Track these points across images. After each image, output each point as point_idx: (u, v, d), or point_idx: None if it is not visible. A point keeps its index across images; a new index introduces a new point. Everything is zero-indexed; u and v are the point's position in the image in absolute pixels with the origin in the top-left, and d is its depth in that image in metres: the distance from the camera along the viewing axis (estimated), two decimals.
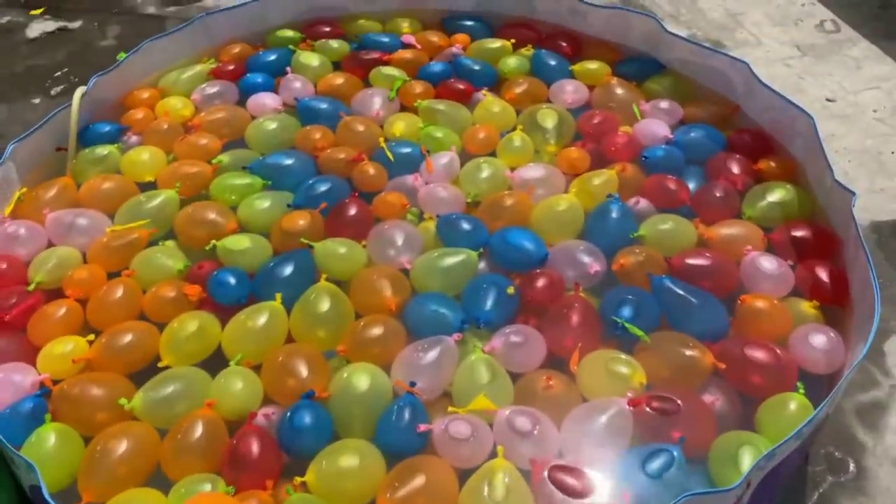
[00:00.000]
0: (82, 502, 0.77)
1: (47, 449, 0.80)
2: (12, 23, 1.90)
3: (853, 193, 0.97)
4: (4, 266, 1.01)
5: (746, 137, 1.20)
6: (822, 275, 0.97)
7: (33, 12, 1.94)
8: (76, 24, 1.88)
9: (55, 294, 0.99)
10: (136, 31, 1.85)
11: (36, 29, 1.87)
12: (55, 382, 0.88)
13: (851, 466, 0.95)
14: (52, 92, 1.66)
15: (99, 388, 0.86)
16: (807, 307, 0.95)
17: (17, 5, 1.97)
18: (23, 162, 1.12)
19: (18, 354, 0.92)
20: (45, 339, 0.93)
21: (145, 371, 0.90)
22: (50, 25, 1.88)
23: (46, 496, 0.70)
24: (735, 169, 1.14)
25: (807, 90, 1.51)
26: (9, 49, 1.81)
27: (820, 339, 0.90)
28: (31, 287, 0.98)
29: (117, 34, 1.84)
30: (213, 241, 1.03)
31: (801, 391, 0.85)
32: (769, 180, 1.13)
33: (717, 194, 1.10)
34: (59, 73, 1.72)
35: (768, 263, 0.99)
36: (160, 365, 0.90)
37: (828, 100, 1.48)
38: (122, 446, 0.80)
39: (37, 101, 1.64)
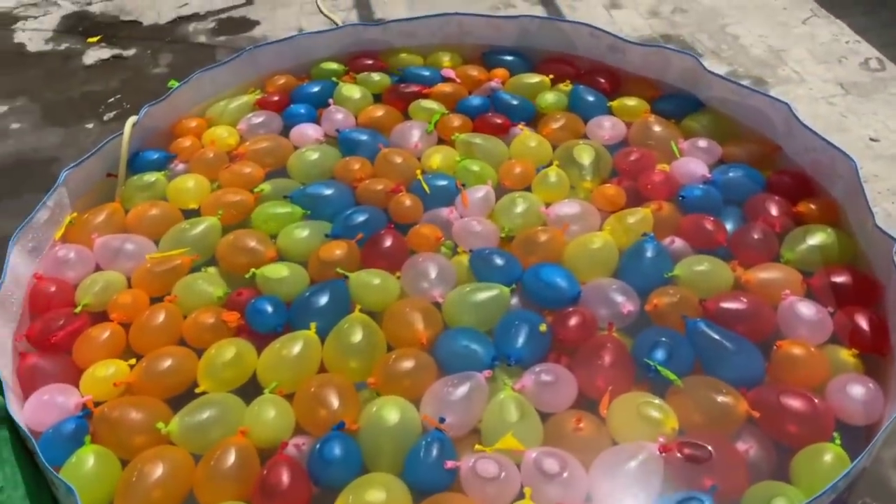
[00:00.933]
0: None
1: (86, 471, 0.83)
2: (70, 49, 1.99)
3: (895, 240, 0.95)
4: (53, 289, 1.05)
5: (787, 178, 1.19)
6: (862, 322, 0.95)
7: (90, 40, 2.02)
8: (130, 52, 1.96)
9: (100, 317, 1.03)
10: (187, 59, 1.91)
11: (92, 56, 1.96)
12: (97, 404, 0.91)
13: None
14: (105, 117, 1.73)
15: (137, 411, 0.89)
16: (845, 355, 0.93)
17: (76, 33, 2.06)
18: (75, 188, 1.17)
19: (63, 375, 0.96)
20: (88, 362, 0.96)
21: (183, 396, 0.93)
22: (105, 53, 1.97)
23: None
24: (774, 211, 1.12)
25: (850, 129, 1.49)
26: (66, 75, 1.89)
27: (858, 389, 0.88)
28: (78, 309, 1.02)
29: (169, 62, 1.91)
30: (253, 270, 1.06)
31: (838, 442, 0.83)
32: (809, 223, 1.11)
33: (756, 236, 1.09)
34: (112, 99, 1.79)
35: (806, 309, 0.97)
36: (197, 391, 0.92)
37: (871, 139, 1.46)
38: (158, 470, 0.82)
39: (90, 125, 1.71)
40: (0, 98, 1.81)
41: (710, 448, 0.82)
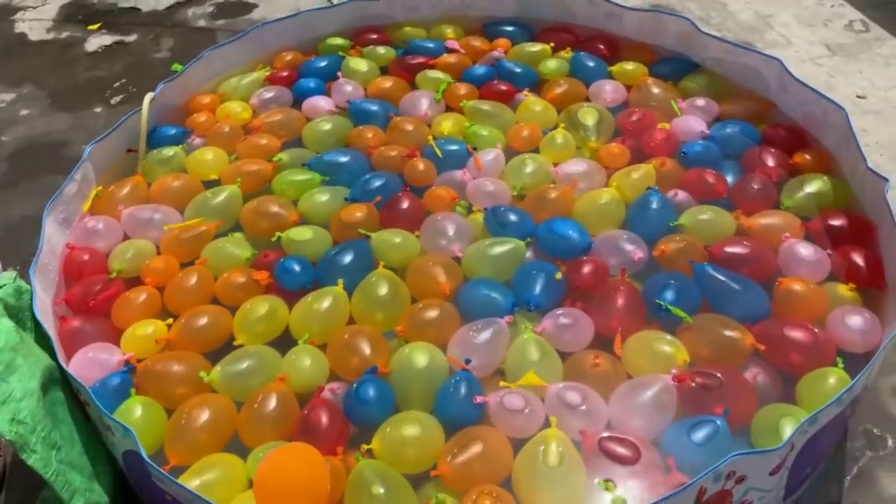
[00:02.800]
0: (170, 465, 0.84)
1: (134, 419, 0.88)
2: (72, 38, 2.01)
3: (886, 180, 1.01)
4: (87, 257, 1.09)
5: (781, 132, 1.24)
6: (858, 259, 1.01)
7: (91, 27, 2.05)
8: (132, 38, 1.99)
9: (134, 282, 1.07)
10: (188, 43, 1.95)
11: (94, 43, 1.98)
12: (139, 361, 0.96)
13: (890, 442, 0.99)
14: (112, 101, 1.76)
15: (179, 364, 0.93)
16: (844, 290, 0.99)
17: (75, 21, 2.09)
18: (98, 163, 1.20)
19: (103, 337, 1.00)
20: (127, 323, 1.01)
21: (219, 350, 0.97)
22: (107, 39, 1.99)
23: (145, 457, 0.76)
24: (770, 162, 1.18)
25: (837, 88, 1.54)
26: (70, 62, 1.92)
27: (856, 319, 0.94)
28: (113, 275, 1.06)
29: (171, 46, 1.94)
30: (278, 233, 1.10)
31: (841, 365, 0.89)
32: (804, 173, 1.17)
33: (755, 186, 1.15)
34: (117, 83, 1.82)
35: (805, 250, 1.03)
36: (235, 343, 0.97)
37: (858, 96, 1.52)
38: (204, 415, 0.87)
39: (98, 109, 1.74)
40: (7, 86, 1.83)
41: (720, 376, 0.88)
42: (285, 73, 1.44)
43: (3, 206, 1.47)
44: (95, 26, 2.05)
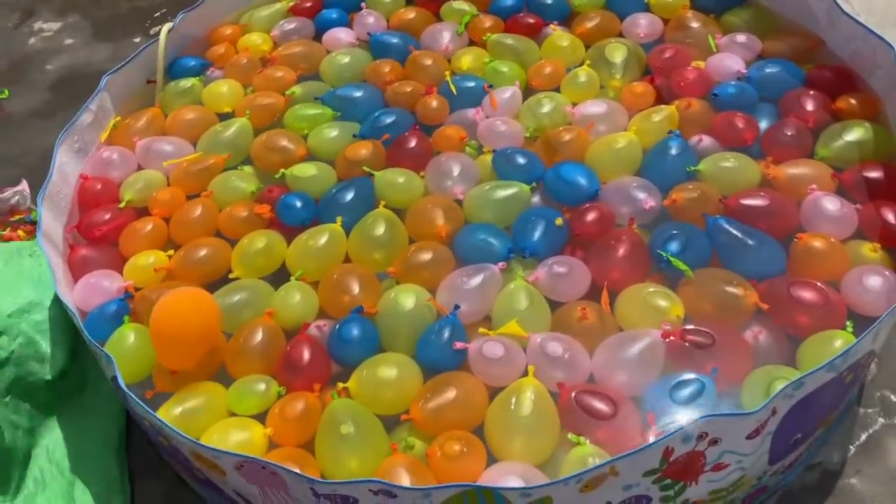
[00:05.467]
0: (155, 391, 0.87)
1: (127, 345, 0.91)
2: None
3: None
4: (100, 187, 1.12)
5: (827, 73, 1.13)
6: (889, 216, 0.93)
7: None
8: None
9: (143, 213, 1.10)
10: None
11: None
12: (137, 289, 0.98)
13: None
14: (152, 31, 1.78)
15: None
16: (867, 249, 0.91)
17: None
18: (117, 93, 1.22)
19: (111, 265, 1.03)
20: (133, 252, 1.04)
21: (217, 282, 0.99)
22: None
23: (121, 384, 0.79)
24: (809, 106, 1.08)
25: None
26: None
27: (875, 279, 0.86)
28: (123, 205, 1.09)
29: None
30: (282, 171, 1.10)
31: (850, 329, 0.83)
32: (848, 119, 1.07)
33: (788, 133, 1.06)
34: (157, 14, 1.83)
35: (831, 204, 0.95)
36: (230, 277, 0.99)
37: None
38: None
39: (137, 39, 1.76)
40: (54, 16, 1.88)
41: (712, 334, 0.84)
42: (309, 4, 1.41)
43: (40, 135, 1.52)
44: None
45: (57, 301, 0.95)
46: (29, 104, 1.63)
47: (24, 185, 1.30)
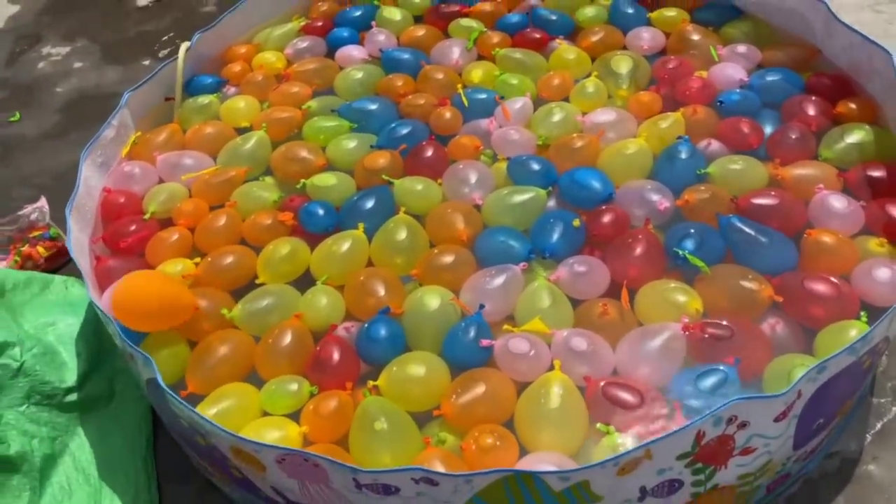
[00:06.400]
0: (188, 391, 0.88)
1: (158, 350, 0.92)
2: None
3: None
4: (122, 200, 1.14)
5: (826, 80, 1.18)
6: (894, 212, 0.96)
7: None
8: None
9: (166, 224, 1.12)
10: None
11: None
12: None
13: None
14: (160, 55, 1.81)
15: (203, 300, 0.97)
16: (874, 245, 0.95)
17: None
18: (136, 110, 1.25)
19: None
20: (160, 261, 1.06)
21: (243, 288, 1.01)
22: None
23: (161, 383, 0.81)
24: (811, 111, 1.13)
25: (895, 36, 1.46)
26: (119, 17, 1.98)
27: (884, 272, 0.90)
28: (147, 216, 1.11)
29: (217, 1, 1.98)
30: (303, 180, 1.13)
31: (864, 319, 0.86)
32: (849, 122, 1.11)
33: (793, 136, 1.10)
34: (165, 37, 1.87)
35: (838, 202, 0.99)
36: (257, 282, 1.01)
37: None
38: (225, 349, 0.92)
39: (146, 62, 1.80)
40: (63, 40, 1.91)
41: (731, 327, 0.86)
42: (320, 23, 1.45)
43: (53, 155, 1.54)
44: None
45: (84, 310, 0.96)
46: (40, 126, 1.65)
47: (42, 202, 1.32)
